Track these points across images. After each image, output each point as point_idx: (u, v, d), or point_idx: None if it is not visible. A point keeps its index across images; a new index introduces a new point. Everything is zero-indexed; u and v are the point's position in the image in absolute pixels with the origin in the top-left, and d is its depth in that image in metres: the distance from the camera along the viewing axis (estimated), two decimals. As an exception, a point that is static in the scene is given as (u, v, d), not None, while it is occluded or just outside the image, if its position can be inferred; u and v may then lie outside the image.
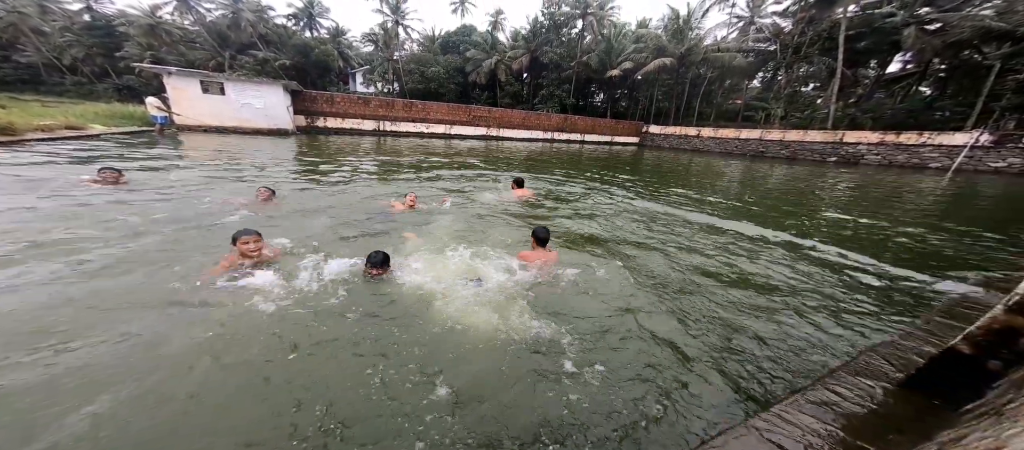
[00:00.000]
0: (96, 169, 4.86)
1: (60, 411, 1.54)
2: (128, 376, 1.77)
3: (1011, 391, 1.44)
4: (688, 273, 3.54)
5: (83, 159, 7.22)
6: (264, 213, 4.37)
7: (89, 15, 35.11)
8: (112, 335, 2.05)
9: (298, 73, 32.35)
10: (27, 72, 33.96)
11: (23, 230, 3.31)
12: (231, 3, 31.75)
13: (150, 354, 1.94)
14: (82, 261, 2.87)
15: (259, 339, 2.10)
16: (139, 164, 6.98)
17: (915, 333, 2.62)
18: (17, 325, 2.09)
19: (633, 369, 2.13)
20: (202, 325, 2.18)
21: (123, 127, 13.09)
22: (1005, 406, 1.35)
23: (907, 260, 4.32)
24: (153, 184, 5.41)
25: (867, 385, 1.98)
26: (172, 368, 1.86)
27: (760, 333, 2.60)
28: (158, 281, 2.65)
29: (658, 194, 7.94)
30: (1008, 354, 1.58)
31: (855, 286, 3.50)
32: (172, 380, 1.79)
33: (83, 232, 3.40)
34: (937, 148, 17.63)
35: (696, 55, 28.06)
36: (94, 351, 1.93)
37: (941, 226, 6.16)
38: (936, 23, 19.11)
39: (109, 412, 1.57)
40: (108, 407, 1.58)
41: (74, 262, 2.83)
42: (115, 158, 7.64)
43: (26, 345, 1.92)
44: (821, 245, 4.74)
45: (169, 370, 1.85)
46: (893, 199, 8.73)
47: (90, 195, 4.50)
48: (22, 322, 2.11)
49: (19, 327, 2.07)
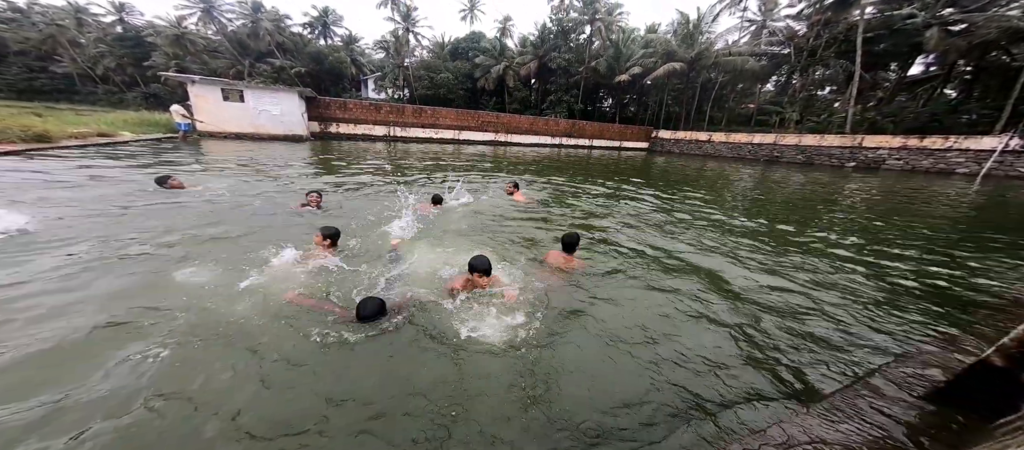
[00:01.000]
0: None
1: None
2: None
3: None
4: (710, 279, 3.44)
5: (141, 164, 7.54)
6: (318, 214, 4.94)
7: (121, 26, 37.11)
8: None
9: (313, 80, 33.37)
10: (62, 82, 36.03)
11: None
12: (251, 13, 33.13)
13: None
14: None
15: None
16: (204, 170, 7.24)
17: (946, 344, 2.54)
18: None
19: (657, 374, 2.07)
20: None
21: (149, 134, 13.66)
22: None
23: (937, 269, 4.11)
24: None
25: (897, 396, 1.93)
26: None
27: (787, 341, 2.52)
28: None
29: (672, 198, 7.80)
30: None
31: (884, 295, 3.34)
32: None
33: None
34: (964, 153, 16.86)
35: (707, 59, 27.75)
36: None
37: (973, 234, 5.86)
38: (961, 24, 18.40)
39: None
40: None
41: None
42: (166, 164, 7.94)
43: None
44: (850, 251, 4.58)
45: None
46: (920, 205, 8.36)
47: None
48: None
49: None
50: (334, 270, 3.01)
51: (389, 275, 2.95)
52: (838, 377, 2.17)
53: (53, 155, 7.97)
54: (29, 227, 3.43)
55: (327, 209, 5.06)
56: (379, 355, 2.06)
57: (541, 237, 4.36)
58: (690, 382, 2.03)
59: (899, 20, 19.77)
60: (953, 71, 22.19)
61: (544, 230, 4.67)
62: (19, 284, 2.49)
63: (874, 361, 2.33)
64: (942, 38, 18.23)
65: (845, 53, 23.21)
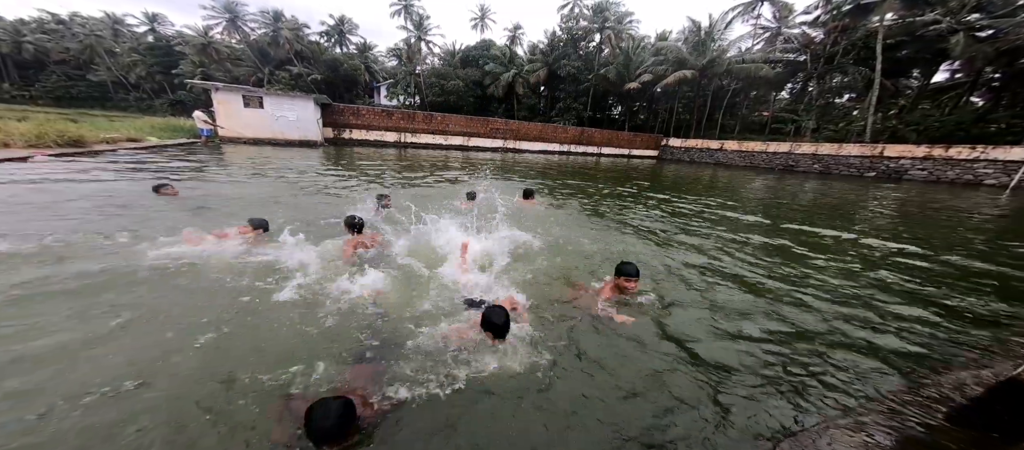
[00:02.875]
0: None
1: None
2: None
3: None
4: (734, 293, 3.42)
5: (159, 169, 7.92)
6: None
7: (152, 36, 39.22)
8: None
9: (328, 87, 34.46)
10: (97, 90, 38.24)
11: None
12: (272, 22, 34.57)
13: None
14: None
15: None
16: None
17: (974, 362, 2.46)
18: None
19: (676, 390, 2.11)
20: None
21: (174, 139, 14.37)
22: None
23: (966, 285, 3.95)
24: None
25: (921, 415, 1.90)
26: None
27: (808, 357, 2.50)
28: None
29: (680, 206, 7.69)
30: None
31: (912, 311, 3.24)
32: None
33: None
34: (993, 163, 16.08)
35: (718, 67, 27.41)
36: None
37: (1005, 247, 5.61)
38: (988, 29, 17.72)
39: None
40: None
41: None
42: (187, 169, 8.34)
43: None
44: (876, 264, 4.46)
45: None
46: (945, 218, 8.01)
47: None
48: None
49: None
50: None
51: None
52: (860, 395, 2.14)
53: (85, 158, 8.49)
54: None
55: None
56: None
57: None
58: (693, 394, 2.04)
59: (921, 26, 19.16)
60: (980, 78, 21.30)
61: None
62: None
63: (898, 379, 2.28)
64: (968, 44, 17.56)
65: (864, 60, 22.57)
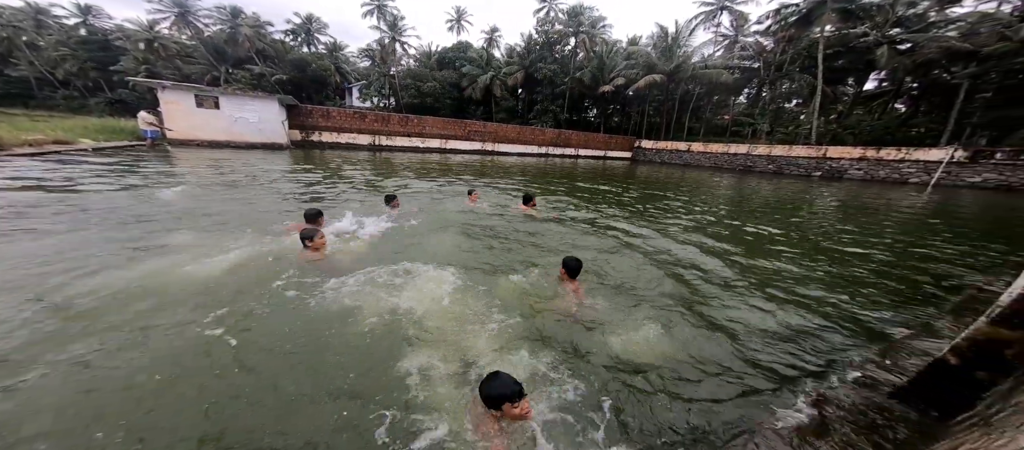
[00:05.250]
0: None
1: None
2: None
3: (998, 402, 1.47)
4: (685, 292, 3.61)
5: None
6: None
7: (85, 29, 35.19)
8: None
9: (295, 88, 32.66)
10: (18, 86, 33.70)
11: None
12: (229, 18, 32.21)
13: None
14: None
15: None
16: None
17: (907, 345, 2.58)
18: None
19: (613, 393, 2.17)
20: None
21: (114, 142, 13.09)
22: (993, 417, 1.38)
23: (897, 273, 4.50)
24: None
25: (864, 396, 1.98)
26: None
27: (755, 350, 2.62)
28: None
29: (647, 212, 8.15)
30: (993, 364, 1.61)
31: (848, 299, 3.64)
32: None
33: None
34: (916, 163, 18.37)
35: (684, 72, 29.11)
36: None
37: (929, 238, 6.49)
38: (907, 43, 20.25)
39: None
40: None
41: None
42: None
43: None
44: (813, 255, 4.94)
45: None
46: (878, 214, 9.08)
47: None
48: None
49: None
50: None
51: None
52: (806, 380, 2.29)
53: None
54: None
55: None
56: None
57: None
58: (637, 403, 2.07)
59: (854, 38, 21.52)
60: (902, 87, 24.24)
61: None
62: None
63: (841, 364, 2.45)
64: (891, 56, 19.97)
65: (808, 68, 24.97)
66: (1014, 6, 19.19)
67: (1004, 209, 11.04)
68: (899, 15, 20.76)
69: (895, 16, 20.69)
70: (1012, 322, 1.52)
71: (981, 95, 17.78)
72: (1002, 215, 10.07)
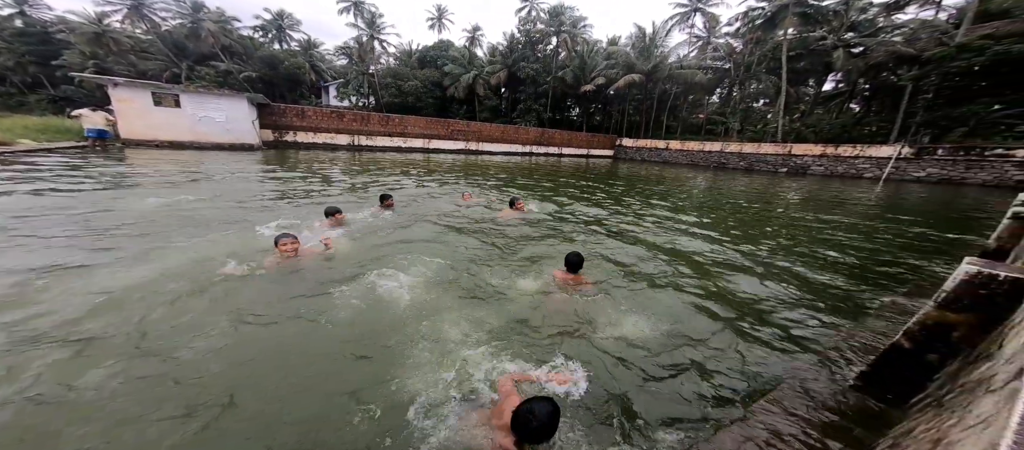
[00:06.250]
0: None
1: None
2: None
3: (949, 383, 1.53)
4: (655, 285, 3.76)
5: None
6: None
7: (21, 21, 31.85)
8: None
9: (266, 86, 31.06)
10: (-60, 82, 30.03)
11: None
12: (190, 12, 30.12)
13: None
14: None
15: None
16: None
17: (866, 332, 2.66)
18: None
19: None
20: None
21: (58, 142, 12.04)
22: (945, 397, 1.42)
23: (851, 264, 4.86)
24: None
25: (827, 385, 2.05)
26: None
27: (717, 345, 2.69)
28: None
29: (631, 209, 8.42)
30: (942, 347, 1.69)
31: (809, 289, 3.91)
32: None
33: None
34: (869, 160, 19.96)
35: (662, 72, 30.09)
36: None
37: (884, 228, 7.13)
38: (859, 47, 21.92)
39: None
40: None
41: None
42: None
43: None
44: (775, 255, 5.18)
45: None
46: (836, 207, 9.81)
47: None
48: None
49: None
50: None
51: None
52: (771, 370, 2.37)
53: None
54: None
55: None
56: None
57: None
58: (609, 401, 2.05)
59: (813, 41, 23.04)
60: (855, 88, 26.21)
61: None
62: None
63: (803, 354, 2.55)
64: (846, 59, 21.56)
65: (774, 69, 26.50)
66: (949, 14, 21.19)
67: (942, 201, 12.22)
68: (853, 20, 22.40)
69: (849, 21, 22.31)
70: (956, 305, 1.62)
71: (923, 96, 19.49)
72: (943, 206, 11.15)
